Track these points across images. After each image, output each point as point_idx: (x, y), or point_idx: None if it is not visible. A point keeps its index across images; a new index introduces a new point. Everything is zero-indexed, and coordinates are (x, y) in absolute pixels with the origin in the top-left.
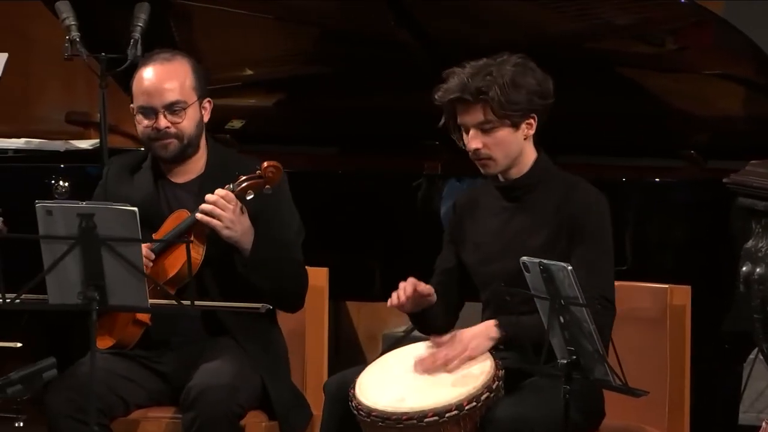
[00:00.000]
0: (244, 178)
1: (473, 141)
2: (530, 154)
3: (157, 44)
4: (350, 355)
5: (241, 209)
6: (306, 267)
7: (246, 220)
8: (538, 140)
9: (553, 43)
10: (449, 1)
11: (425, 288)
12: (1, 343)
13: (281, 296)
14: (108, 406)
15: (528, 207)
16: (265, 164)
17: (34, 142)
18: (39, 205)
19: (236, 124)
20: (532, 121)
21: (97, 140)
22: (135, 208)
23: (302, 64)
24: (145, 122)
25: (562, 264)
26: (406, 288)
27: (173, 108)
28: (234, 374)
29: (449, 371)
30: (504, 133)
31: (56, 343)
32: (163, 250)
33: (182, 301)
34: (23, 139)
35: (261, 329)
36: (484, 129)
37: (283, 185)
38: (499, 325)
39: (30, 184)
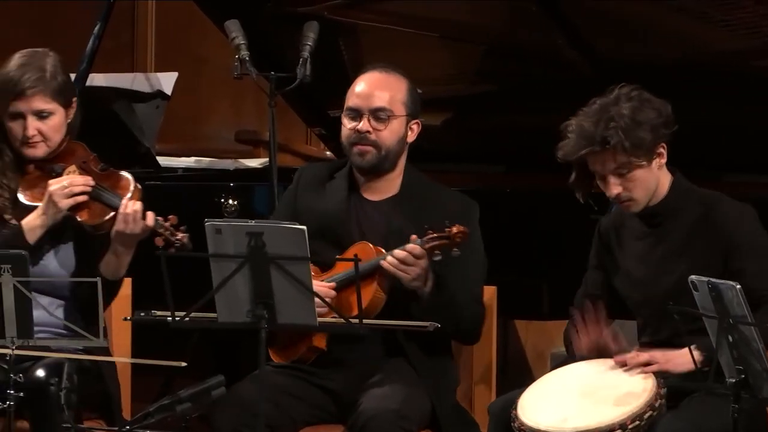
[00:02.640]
0: (434, 235)
1: (613, 187)
2: (665, 180)
3: (326, 63)
4: (518, 374)
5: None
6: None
7: (431, 277)
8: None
9: (716, 60)
10: (616, 20)
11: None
12: (167, 363)
13: (456, 333)
14: (276, 425)
15: (670, 230)
16: (455, 229)
17: (204, 161)
18: (208, 223)
19: None
20: (662, 150)
21: (266, 159)
22: (304, 227)
23: (469, 83)
24: (350, 124)
25: (731, 283)
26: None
27: (378, 114)
28: (403, 399)
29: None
30: (639, 172)
31: (224, 361)
32: (345, 286)
33: (351, 320)
34: (193, 158)
35: (434, 351)
36: (620, 173)
37: (474, 219)
38: (701, 348)
39: (199, 203)
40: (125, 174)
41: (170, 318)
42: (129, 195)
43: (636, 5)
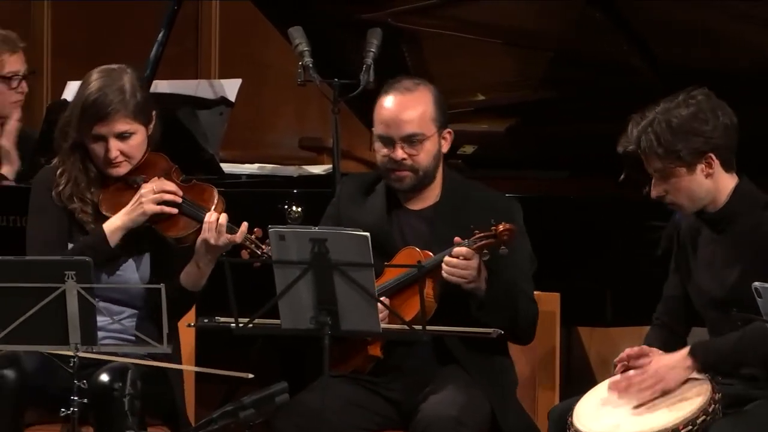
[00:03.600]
0: (480, 235)
1: (654, 188)
2: (725, 186)
3: (389, 70)
4: (582, 381)
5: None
6: (536, 293)
7: (483, 270)
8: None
9: None
10: (683, 27)
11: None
12: (233, 374)
13: (514, 332)
14: None
15: (732, 237)
16: (501, 227)
17: (268, 168)
18: (272, 230)
19: (468, 149)
20: (710, 159)
21: (330, 165)
22: (367, 234)
23: (532, 89)
24: (383, 151)
25: None
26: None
27: (411, 140)
28: (462, 405)
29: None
30: (680, 178)
31: (287, 368)
32: (396, 292)
33: (414, 327)
34: (257, 165)
35: (491, 357)
36: (662, 175)
37: (517, 218)
38: (693, 353)
39: (263, 210)
40: (208, 185)
41: (233, 324)
42: (213, 207)
43: (702, 12)
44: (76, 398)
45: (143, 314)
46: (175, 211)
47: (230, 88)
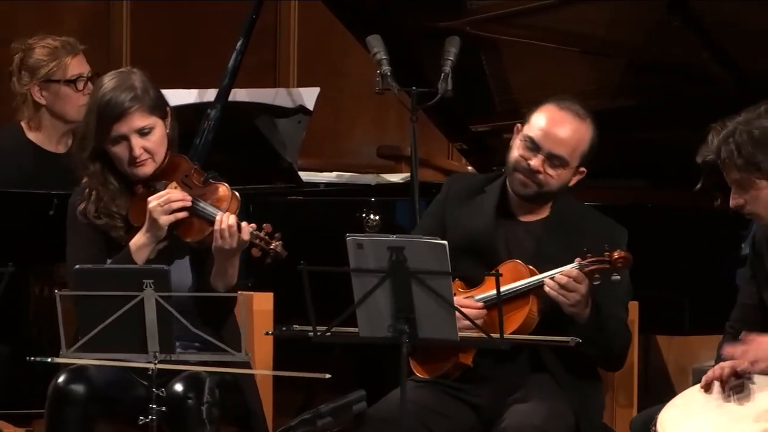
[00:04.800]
0: (593, 259)
1: (732, 198)
2: None
3: (467, 78)
4: (660, 390)
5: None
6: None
7: (589, 298)
8: None
9: None
10: (765, 35)
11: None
12: (311, 375)
13: (606, 359)
14: None
15: None
16: (616, 255)
17: (345, 176)
18: (350, 238)
19: None
20: None
21: (408, 174)
22: (445, 242)
23: (609, 98)
24: (524, 152)
25: None
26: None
27: (555, 160)
28: (546, 415)
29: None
30: (760, 190)
31: (366, 376)
32: (496, 304)
33: (492, 335)
34: (335, 173)
35: (580, 370)
36: (741, 186)
37: (623, 245)
38: None
39: (341, 218)
40: (223, 185)
41: (311, 332)
42: (225, 208)
43: None
44: (154, 406)
45: (195, 321)
46: (186, 215)
47: (309, 96)
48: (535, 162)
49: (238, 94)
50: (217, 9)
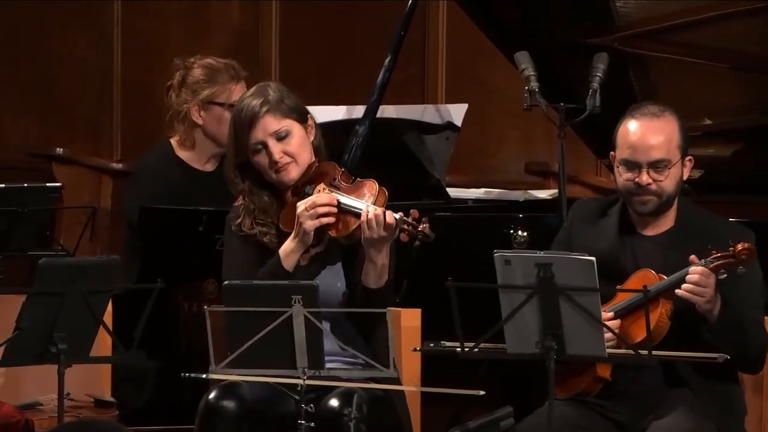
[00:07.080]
0: (717, 254)
1: None
2: None
3: (616, 95)
4: None
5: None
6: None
7: (718, 294)
8: None
9: None
10: None
11: None
12: (465, 391)
13: (743, 360)
14: None
15: None
16: (740, 247)
17: (494, 192)
18: (497, 254)
19: (695, 173)
20: None
21: (556, 190)
22: (593, 258)
23: (760, 113)
24: (627, 175)
25: None
26: None
27: (657, 165)
28: (689, 430)
29: None
30: None
31: (512, 392)
32: (626, 314)
33: (639, 351)
34: (483, 189)
35: (722, 383)
36: None
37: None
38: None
39: (489, 234)
40: (370, 180)
41: (459, 348)
42: (371, 200)
43: None
44: (303, 422)
45: (347, 331)
46: (333, 220)
47: (456, 112)
48: (642, 178)
49: (387, 111)
50: (366, 25)
